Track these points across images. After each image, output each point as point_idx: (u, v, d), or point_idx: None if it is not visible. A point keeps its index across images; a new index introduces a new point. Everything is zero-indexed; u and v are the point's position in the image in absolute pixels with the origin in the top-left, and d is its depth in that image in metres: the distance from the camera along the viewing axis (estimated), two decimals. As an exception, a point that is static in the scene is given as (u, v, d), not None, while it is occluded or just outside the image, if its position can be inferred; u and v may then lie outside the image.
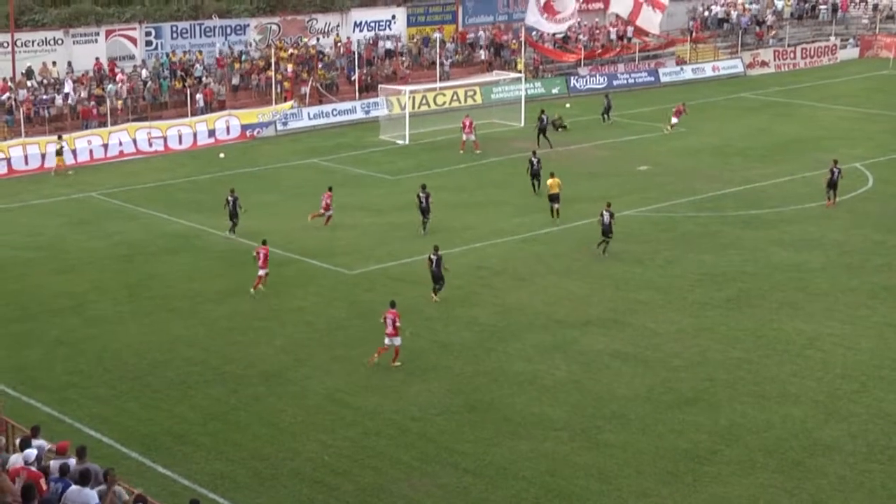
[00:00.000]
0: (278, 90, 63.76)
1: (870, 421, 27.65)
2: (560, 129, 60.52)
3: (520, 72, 68.05)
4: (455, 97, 67.55)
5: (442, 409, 28.57)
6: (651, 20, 74.95)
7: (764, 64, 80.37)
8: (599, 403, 28.83)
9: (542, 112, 58.41)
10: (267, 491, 24.78)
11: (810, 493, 24.44)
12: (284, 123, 62.15)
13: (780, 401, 28.81)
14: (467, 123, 56.87)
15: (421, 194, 43.26)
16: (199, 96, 61.63)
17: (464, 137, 56.86)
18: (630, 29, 78.40)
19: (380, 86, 65.64)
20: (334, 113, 64.52)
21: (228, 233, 42.88)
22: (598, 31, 79.26)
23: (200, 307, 36.05)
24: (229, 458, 26.19)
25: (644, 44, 78.37)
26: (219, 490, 24.62)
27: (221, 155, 56.97)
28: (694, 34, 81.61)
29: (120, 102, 59.86)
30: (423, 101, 65.88)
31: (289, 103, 63.18)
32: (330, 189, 44.73)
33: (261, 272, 36.71)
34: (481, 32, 75.77)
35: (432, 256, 36.23)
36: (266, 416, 28.40)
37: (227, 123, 60.39)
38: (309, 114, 63.68)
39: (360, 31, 71.87)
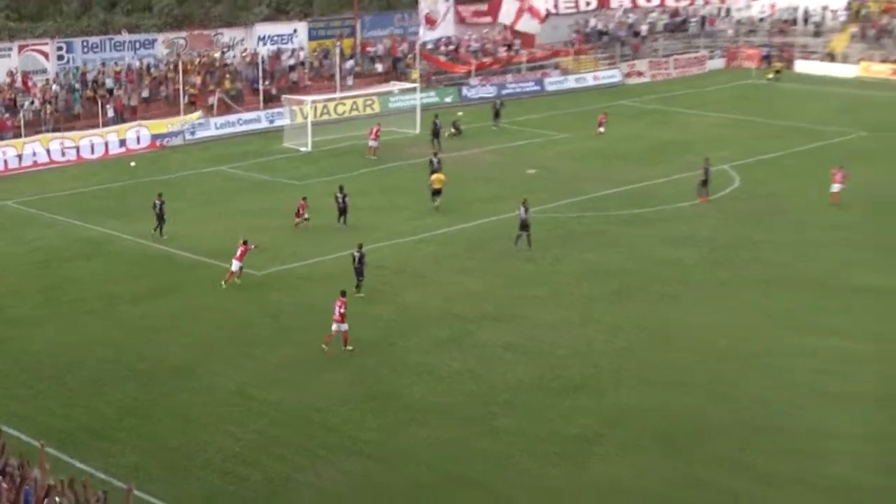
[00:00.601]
0: (186, 101, 62.89)
1: (749, 404, 28.08)
2: (453, 135, 60.56)
3: (415, 82, 68.03)
4: (354, 106, 67.23)
5: (345, 400, 28.44)
6: (530, 26, 77.03)
7: (640, 74, 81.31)
8: (493, 392, 28.95)
9: (436, 117, 58.75)
10: (180, 482, 24.46)
11: (695, 474, 24.76)
12: (193, 133, 61.28)
13: (663, 387, 29.17)
14: (374, 131, 56.73)
15: (339, 195, 43.87)
16: (109, 107, 60.58)
17: (370, 143, 56.73)
18: (518, 42, 78.98)
19: (283, 96, 65.18)
20: (240, 122, 63.78)
21: (155, 233, 42.30)
22: (487, 43, 79.56)
23: (115, 309, 35.39)
24: (143, 450, 25.82)
25: (531, 55, 78.84)
26: (134, 482, 24.10)
27: (132, 163, 55.97)
28: (576, 46, 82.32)
29: (50, 112, 58.47)
30: (325, 111, 65.51)
31: (196, 114, 62.31)
32: (304, 199, 44.36)
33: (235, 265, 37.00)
34: (379, 45, 75.75)
35: (355, 254, 36.20)
36: (178, 409, 28.02)
37: (138, 133, 59.32)
38: (216, 123, 62.84)
39: (264, 44, 71.26)
